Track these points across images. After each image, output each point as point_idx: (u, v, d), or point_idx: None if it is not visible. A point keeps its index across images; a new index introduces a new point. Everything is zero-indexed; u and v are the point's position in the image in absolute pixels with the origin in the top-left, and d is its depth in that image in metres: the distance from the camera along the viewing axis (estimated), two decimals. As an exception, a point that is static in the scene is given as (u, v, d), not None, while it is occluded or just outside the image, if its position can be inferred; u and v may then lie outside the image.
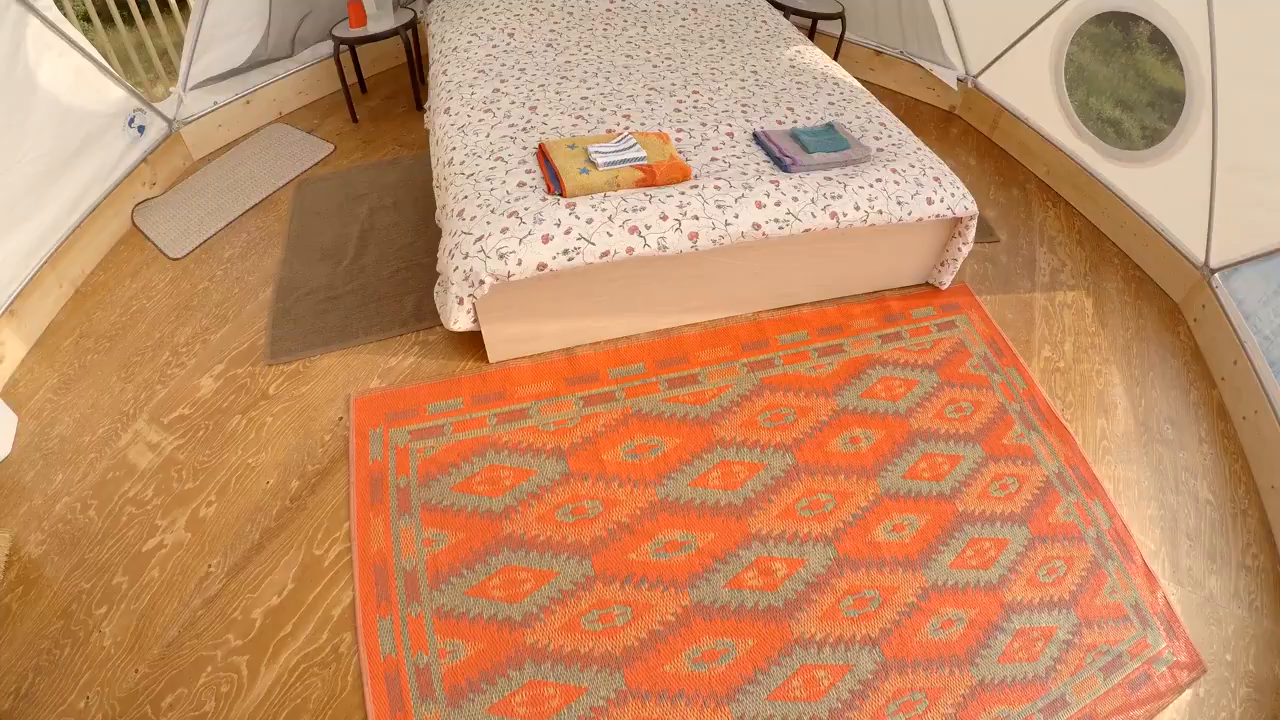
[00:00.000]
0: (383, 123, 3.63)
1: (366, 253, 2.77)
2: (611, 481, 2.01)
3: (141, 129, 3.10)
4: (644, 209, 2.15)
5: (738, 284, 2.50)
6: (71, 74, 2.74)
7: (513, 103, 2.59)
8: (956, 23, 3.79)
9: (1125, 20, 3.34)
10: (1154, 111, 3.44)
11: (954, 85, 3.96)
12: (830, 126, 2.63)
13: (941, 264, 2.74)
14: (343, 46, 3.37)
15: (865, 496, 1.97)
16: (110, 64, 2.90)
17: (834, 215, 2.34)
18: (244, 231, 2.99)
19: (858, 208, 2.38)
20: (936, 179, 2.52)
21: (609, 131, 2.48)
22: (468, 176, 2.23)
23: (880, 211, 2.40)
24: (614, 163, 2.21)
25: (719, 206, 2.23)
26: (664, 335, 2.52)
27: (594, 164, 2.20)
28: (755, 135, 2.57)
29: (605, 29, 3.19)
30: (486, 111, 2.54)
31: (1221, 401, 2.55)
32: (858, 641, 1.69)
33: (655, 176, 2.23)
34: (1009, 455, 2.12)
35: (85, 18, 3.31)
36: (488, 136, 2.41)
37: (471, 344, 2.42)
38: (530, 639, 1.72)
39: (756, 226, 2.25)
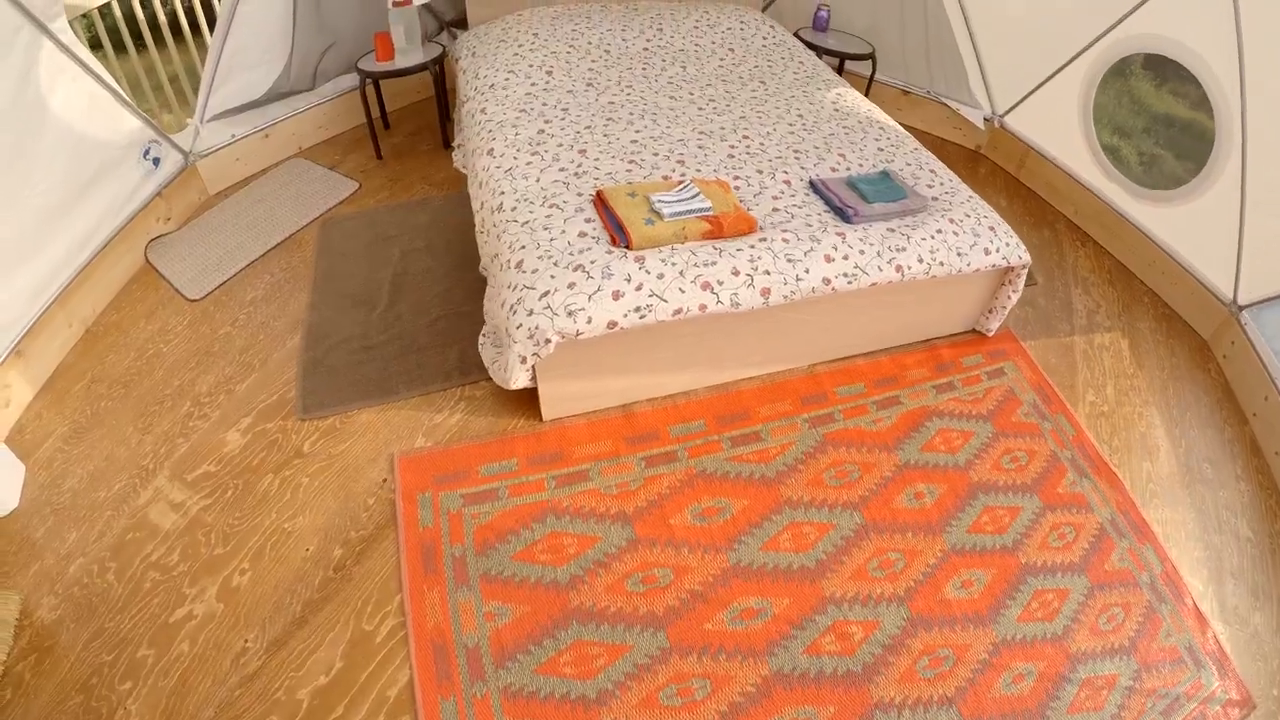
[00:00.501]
0: (408, 160, 3.56)
1: (401, 299, 2.68)
2: (681, 547, 1.93)
3: (157, 161, 3.01)
4: (715, 263, 2.09)
5: (795, 336, 2.45)
6: (85, 101, 2.65)
7: (560, 145, 2.53)
8: (984, 63, 3.84)
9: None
10: (1149, 137, 3.49)
11: (980, 125, 3.99)
12: (886, 174, 2.60)
13: (989, 311, 2.72)
14: (368, 81, 3.31)
15: (933, 553, 1.96)
16: (124, 91, 2.81)
17: (899, 268, 2.31)
18: (266, 273, 2.89)
19: (921, 260, 2.35)
20: (991, 228, 2.50)
21: (665, 179, 2.43)
22: (523, 224, 2.16)
23: (941, 263, 2.37)
24: (680, 213, 2.16)
25: (789, 260, 2.18)
26: (722, 390, 2.45)
27: (659, 214, 2.15)
28: (812, 183, 2.54)
29: (644, 68, 3.17)
30: (534, 154, 2.48)
31: (1254, 438, 2.56)
32: (935, 703, 1.68)
33: (722, 228, 2.18)
34: (1064, 504, 2.14)
35: (95, 43, 3.24)
36: (538, 181, 2.35)
37: (522, 400, 2.32)
38: (606, 719, 1.62)
39: (827, 281, 2.21)
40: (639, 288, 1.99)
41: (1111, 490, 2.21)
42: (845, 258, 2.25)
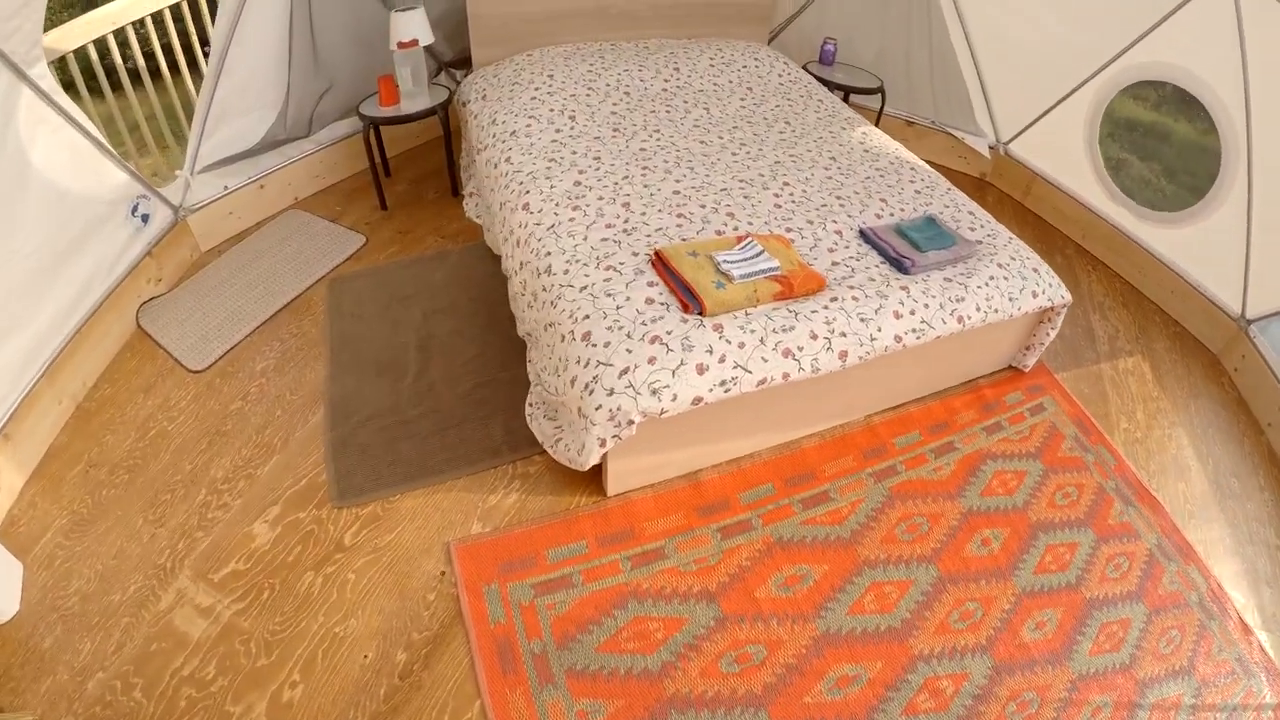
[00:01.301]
0: (415, 211, 3.45)
1: (431, 367, 2.56)
2: (769, 621, 1.90)
3: (145, 218, 2.85)
4: (793, 328, 2.05)
5: (852, 391, 2.42)
6: (68, 154, 2.48)
7: (600, 198, 2.47)
8: (989, 91, 3.94)
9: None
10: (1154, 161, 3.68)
11: (985, 153, 4.09)
12: (932, 220, 2.61)
13: (1027, 348, 2.76)
14: (370, 127, 3.20)
15: (1006, 599, 2.02)
16: (108, 142, 2.65)
17: (960, 319, 2.32)
18: (275, 339, 2.74)
19: (978, 309, 2.36)
20: (1035, 270, 2.53)
21: (718, 234, 2.39)
22: (580, 290, 2.08)
23: (996, 310, 2.39)
24: (750, 275, 2.11)
25: (862, 320, 2.15)
26: (784, 450, 2.40)
27: (728, 276, 2.09)
28: (862, 233, 2.53)
29: (668, 111, 3.13)
30: (575, 209, 2.41)
31: (1270, 447, 2.69)
32: None
33: (793, 288, 2.14)
34: (1115, 535, 2.24)
35: (69, 86, 3.06)
36: (585, 240, 2.28)
37: (580, 474, 2.22)
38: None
39: (898, 339, 2.19)
40: (722, 359, 1.92)
41: (1154, 515, 2.32)
42: (912, 313, 2.24)
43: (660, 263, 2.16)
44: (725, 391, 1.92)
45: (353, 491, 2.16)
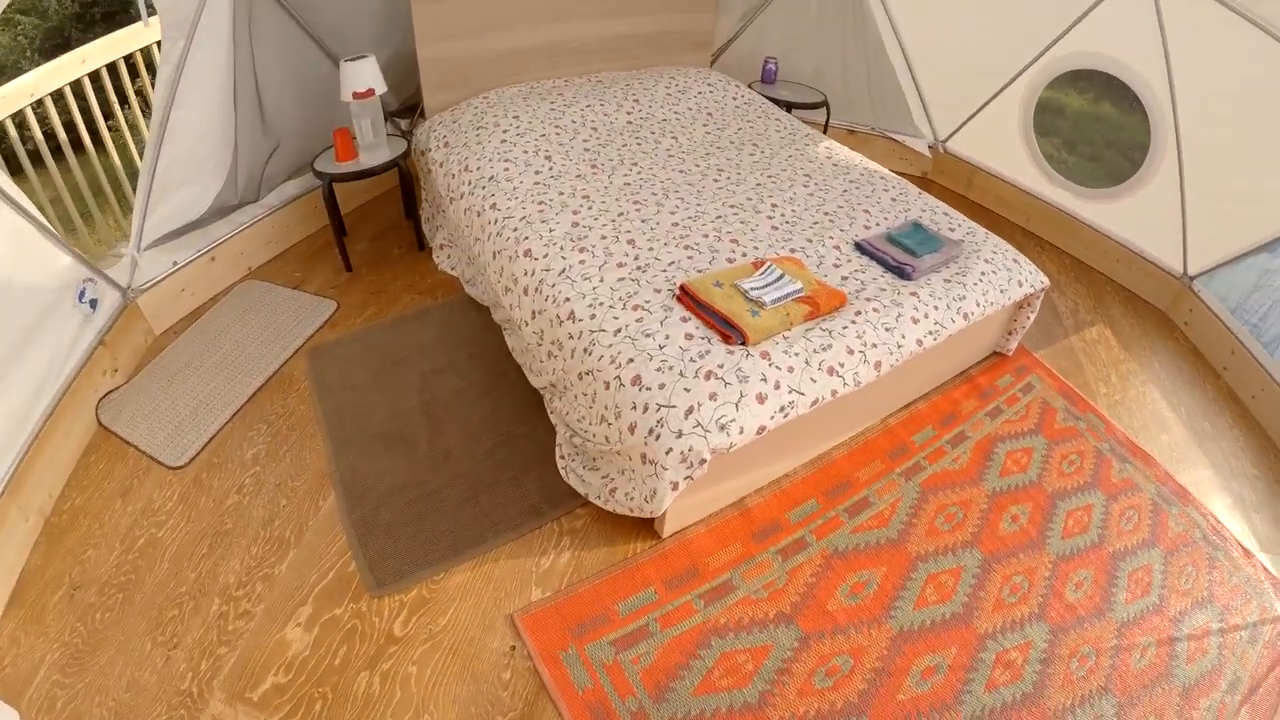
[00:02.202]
0: (383, 268, 3.33)
1: (444, 432, 2.46)
2: (847, 630, 1.97)
3: (94, 303, 2.64)
4: (830, 346, 2.10)
5: (872, 397, 2.49)
6: (9, 239, 2.28)
7: (604, 237, 2.46)
8: (925, 94, 4.21)
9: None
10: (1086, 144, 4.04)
11: (926, 152, 4.36)
12: (918, 225, 2.73)
13: (1009, 333, 2.95)
14: (322, 183, 3.08)
15: (1045, 567, 2.18)
16: (49, 222, 2.46)
17: (965, 315, 2.45)
18: (260, 422, 2.57)
19: (978, 304, 2.50)
20: (1015, 260, 2.71)
21: (729, 261, 2.42)
22: (615, 334, 2.06)
23: (992, 303, 2.54)
24: (779, 299, 2.15)
25: (887, 330, 2.24)
26: (818, 465, 2.45)
27: (760, 303, 2.13)
28: (859, 245, 2.62)
29: (639, 143, 3.16)
30: (581, 251, 2.39)
31: (1230, 388, 3.03)
32: (1094, 695, 1.89)
33: (819, 307, 2.19)
34: (1120, 491, 2.46)
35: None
36: (602, 281, 2.26)
37: (627, 519, 2.19)
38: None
39: (919, 343, 2.29)
40: (777, 386, 1.96)
41: (1149, 468, 2.57)
42: (926, 316, 2.35)
43: (688, 297, 2.17)
44: (785, 417, 1.96)
45: (391, 577, 2.04)
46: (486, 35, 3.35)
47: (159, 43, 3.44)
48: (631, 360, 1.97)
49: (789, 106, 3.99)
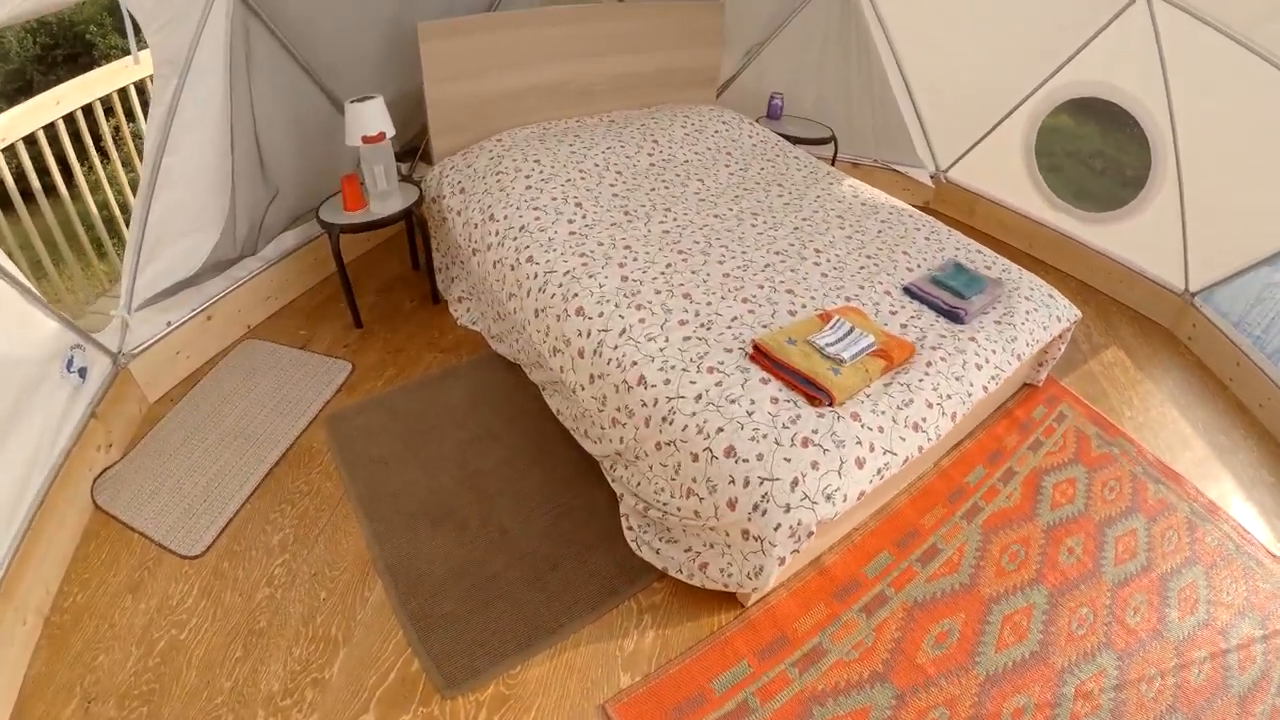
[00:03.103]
0: (396, 324, 3.17)
1: (495, 507, 2.33)
2: (939, 682, 1.97)
3: (83, 372, 2.44)
4: (912, 401, 2.08)
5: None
6: None
7: (658, 292, 2.39)
8: (926, 125, 4.33)
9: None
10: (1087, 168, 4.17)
11: (928, 182, 4.47)
12: (960, 266, 2.75)
13: (1039, 365, 2.99)
14: (331, 235, 2.91)
15: (1104, 596, 2.25)
16: (32, 284, 2.26)
17: (1018, 356, 2.48)
18: (282, 502, 2.40)
19: (1028, 343, 2.53)
20: (1050, 296, 2.76)
21: (791, 314, 2.38)
22: (696, 400, 1.98)
23: (1037, 340, 2.58)
24: (856, 354, 2.12)
25: (957, 379, 2.24)
26: (883, 515, 2.43)
27: (839, 360, 2.08)
28: (908, 290, 2.62)
29: (666, 187, 3.12)
30: (637, 308, 2.31)
31: (1237, 399, 3.17)
32: (1164, 715, 1.96)
33: (892, 359, 2.17)
34: (1159, 513, 2.58)
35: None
36: (668, 341, 2.19)
37: (709, 591, 2.10)
38: None
39: (985, 389, 2.30)
40: (871, 448, 1.92)
41: (1179, 486, 2.69)
42: (987, 361, 2.36)
43: (763, 356, 2.11)
44: (880, 478, 1.93)
45: (462, 674, 1.90)
46: (493, 75, 3.27)
47: (139, 83, 3.31)
48: (721, 430, 1.89)
49: (797, 142, 4.01)
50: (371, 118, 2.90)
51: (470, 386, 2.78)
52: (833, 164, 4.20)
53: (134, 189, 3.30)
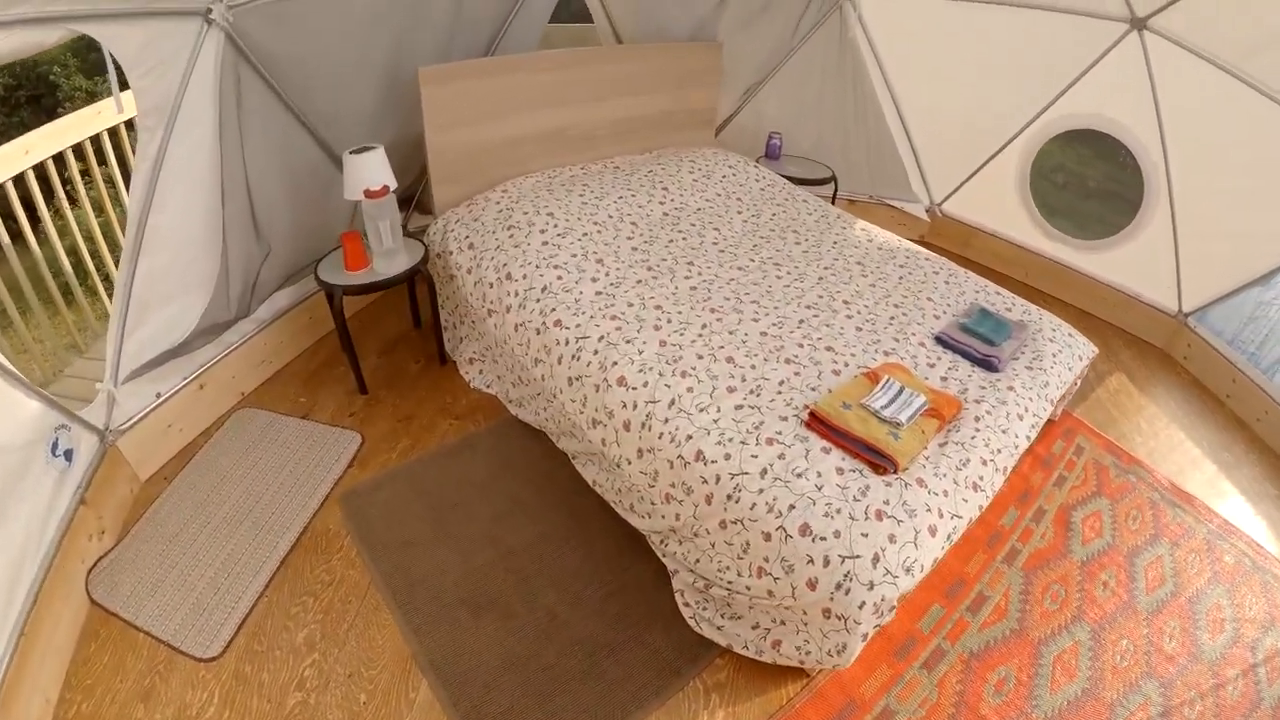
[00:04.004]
0: (403, 389, 3.10)
1: (537, 589, 2.28)
2: None
3: (69, 455, 2.33)
4: (968, 460, 2.14)
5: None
6: None
7: (699, 357, 2.39)
8: (921, 161, 4.51)
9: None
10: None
11: (923, 216, 4.65)
12: (985, 312, 2.84)
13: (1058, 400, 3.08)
14: (333, 296, 2.85)
15: (1140, 625, 2.40)
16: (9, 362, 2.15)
17: (1051, 401, 2.58)
18: (302, 594, 2.31)
19: (1056, 386, 2.64)
20: (1070, 335, 2.89)
21: (835, 374, 2.41)
22: (763, 475, 1.98)
23: (1064, 382, 2.69)
24: (912, 416, 2.16)
25: (1004, 432, 2.31)
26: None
27: (897, 424, 2.12)
28: (939, 340, 2.69)
29: (684, 238, 3.14)
30: (682, 376, 2.31)
31: (1235, 414, 3.41)
32: None
33: (943, 418, 2.22)
34: (1180, 537, 2.75)
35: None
36: (720, 411, 2.19)
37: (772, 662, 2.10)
38: None
39: (1028, 438, 2.39)
40: (940, 514, 1.96)
41: (1195, 509, 2.87)
42: (1027, 410, 2.45)
43: (820, 424, 2.13)
44: (949, 543, 1.98)
45: (529, 778, 1.84)
46: (495, 121, 3.27)
47: (113, 129, 3.19)
48: (793, 507, 1.90)
49: (798, 183, 4.09)
50: (373, 170, 2.86)
51: (493, 456, 2.73)
52: (833, 202, 4.30)
53: (105, 233, 3.20)
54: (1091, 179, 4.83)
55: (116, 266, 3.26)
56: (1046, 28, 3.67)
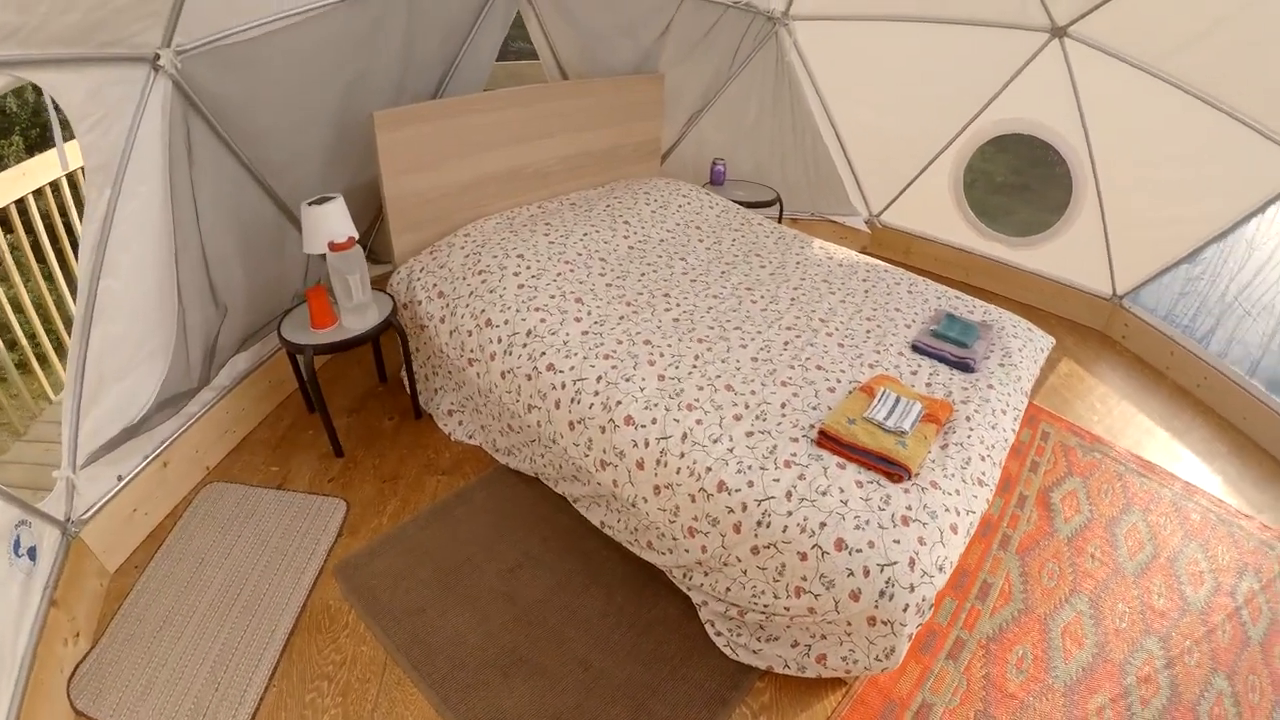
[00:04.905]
0: (381, 448, 3.06)
1: (566, 640, 2.31)
2: (1031, 704, 2.26)
3: (32, 552, 2.23)
4: (970, 460, 2.31)
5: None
6: None
7: (699, 388, 2.50)
8: (859, 175, 4.86)
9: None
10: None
11: (864, 228, 4.99)
12: (952, 316, 3.08)
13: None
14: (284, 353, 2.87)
15: (1131, 588, 2.69)
16: None
17: (1025, 393, 2.83)
18: (316, 678, 2.24)
19: (1028, 379, 2.90)
20: (1029, 329, 3.17)
21: (830, 391, 2.56)
22: (788, 498, 2.09)
23: (1032, 374, 2.94)
24: (913, 424, 2.32)
25: (993, 428, 2.51)
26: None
27: (902, 433, 2.27)
28: (915, 348, 2.90)
29: (654, 270, 3.26)
30: (689, 409, 2.41)
31: (1175, 384, 3.90)
32: (1209, 677, 2.39)
33: (939, 420, 2.40)
34: (1150, 502, 3.11)
35: None
36: (733, 440, 2.29)
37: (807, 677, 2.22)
38: None
39: (1014, 431, 2.61)
40: (958, 512, 2.12)
41: (1158, 475, 3.26)
42: (1008, 405, 2.68)
43: (830, 441, 2.27)
44: (968, 538, 2.14)
45: (591, 838, 1.87)
46: (451, 164, 3.33)
47: (55, 185, 3.07)
48: (824, 524, 2.01)
49: (746, 207, 4.30)
50: (335, 221, 2.87)
51: (490, 509, 2.75)
52: (779, 222, 4.52)
53: (37, 303, 3.06)
54: (998, 174, 5.20)
55: (48, 335, 3.14)
56: (972, 41, 4.04)
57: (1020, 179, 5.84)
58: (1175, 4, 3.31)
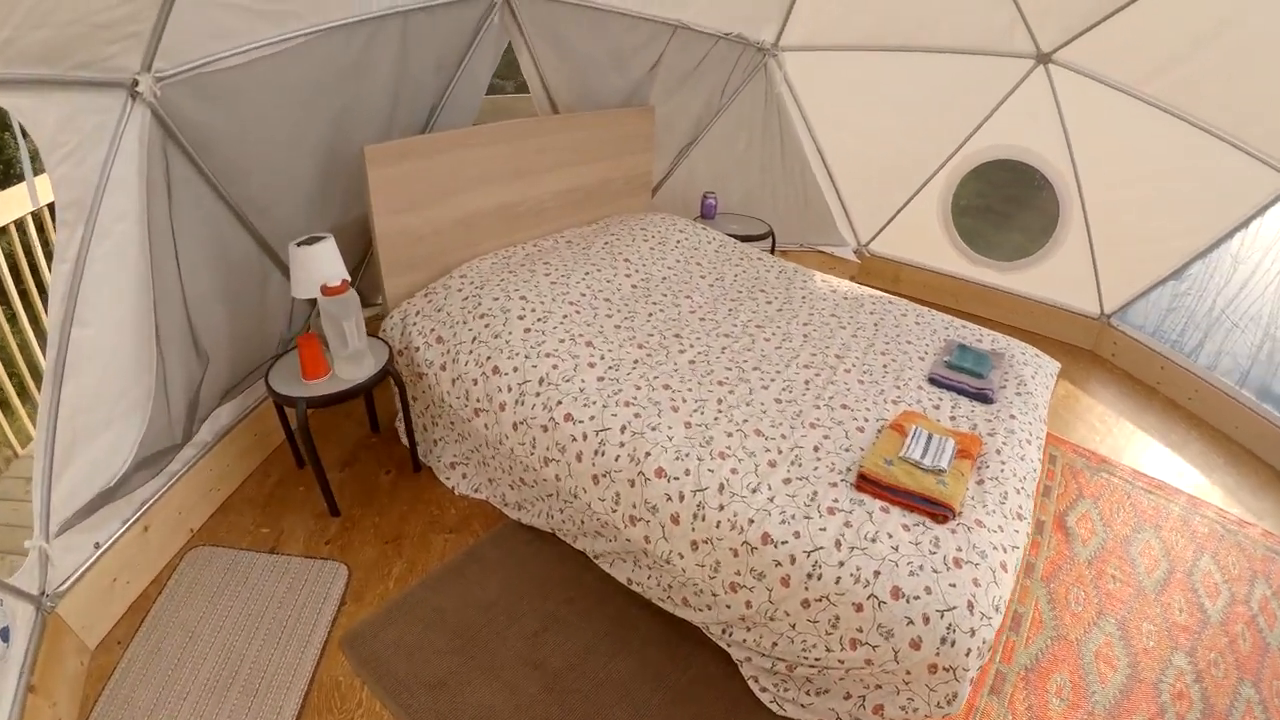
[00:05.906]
0: (381, 505, 2.99)
1: (604, 710, 2.24)
2: None
3: (5, 633, 2.11)
4: (1007, 495, 2.36)
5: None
6: None
7: (729, 434, 2.50)
8: (848, 205, 5.02)
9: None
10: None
11: (852, 257, 5.15)
12: (964, 347, 3.17)
13: None
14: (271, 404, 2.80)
15: (1152, 605, 2.81)
16: None
17: (1044, 421, 2.93)
18: (329, 755, 2.17)
19: (1044, 405, 3.00)
20: (1037, 355, 3.28)
21: (860, 431, 2.60)
22: (837, 547, 2.10)
23: (1046, 400, 3.04)
24: (950, 460, 2.37)
25: (1021, 459, 2.58)
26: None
27: (940, 472, 2.31)
28: (933, 381, 2.97)
29: (661, 310, 3.27)
30: (722, 457, 2.40)
31: (1167, 398, 4.12)
32: (1237, 687, 2.54)
33: (972, 455, 2.45)
34: (1160, 519, 3.26)
35: None
36: (770, 488, 2.30)
37: None
38: None
39: (1039, 460, 2.69)
40: (1004, 549, 2.16)
41: (1164, 492, 3.43)
42: (1032, 435, 2.76)
43: (870, 484, 2.29)
44: (1016, 576, 2.18)
45: None
46: (445, 201, 3.33)
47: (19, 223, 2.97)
48: (878, 573, 2.03)
49: (740, 240, 4.37)
50: (327, 263, 2.83)
51: (505, 568, 2.70)
52: (772, 254, 4.61)
53: None
54: (962, 197, 5.39)
55: (11, 379, 2.99)
56: (959, 69, 4.23)
57: (983, 200, 6.08)
58: (1156, 27, 3.54)
